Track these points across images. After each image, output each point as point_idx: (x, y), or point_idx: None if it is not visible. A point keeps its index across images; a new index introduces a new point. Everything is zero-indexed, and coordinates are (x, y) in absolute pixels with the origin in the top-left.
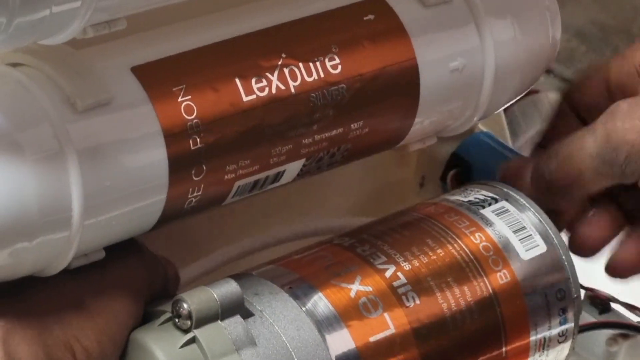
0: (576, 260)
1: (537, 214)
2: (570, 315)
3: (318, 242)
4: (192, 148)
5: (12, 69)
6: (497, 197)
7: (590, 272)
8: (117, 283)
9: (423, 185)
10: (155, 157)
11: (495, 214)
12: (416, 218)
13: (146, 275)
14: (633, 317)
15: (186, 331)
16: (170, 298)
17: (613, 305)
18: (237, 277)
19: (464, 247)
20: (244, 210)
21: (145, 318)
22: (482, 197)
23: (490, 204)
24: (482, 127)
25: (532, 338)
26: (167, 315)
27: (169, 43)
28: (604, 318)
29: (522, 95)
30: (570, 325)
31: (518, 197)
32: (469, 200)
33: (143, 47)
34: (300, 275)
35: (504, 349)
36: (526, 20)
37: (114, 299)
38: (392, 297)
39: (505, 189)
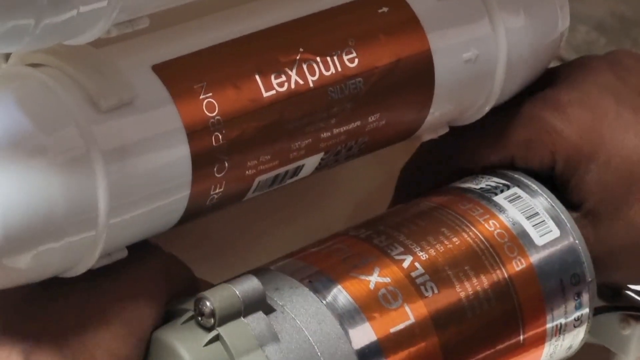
0: None
1: (548, 199)
2: (585, 299)
3: (333, 234)
4: (214, 145)
5: (34, 70)
6: (508, 183)
7: None
8: (135, 285)
9: None
10: (178, 154)
11: (508, 201)
12: (430, 207)
13: (164, 274)
14: None
15: (209, 329)
16: (192, 295)
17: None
18: (256, 273)
19: (479, 235)
20: (254, 203)
21: (167, 316)
22: (493, 184)
23: (502, 191)
24: None
25: (549, 324)
26: (190, 313)
27: (188, 40)
28: (616, 302)
29: None
30: (585, 309)
31: (529, 182)
32: (481, 188)
33: (162, 45)
34: (318, 268)
35: (521, 336)
36: (536, 8)
37: (135, 301)
38: (410, 287)
39: (516, 175)
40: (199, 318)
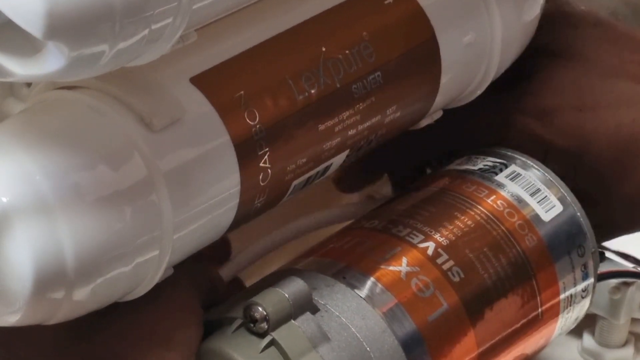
0: None
1: (546, 174)
2: (590, 270)
3: (346, 228)
4: (259, 154)
5: (75, 94)
6: (504, 161)
7: None
8: (178, 302)
9: None
10: (227, 166)
11: (509, 179)
12: (436, 192)
13: (197, 287)
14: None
15: (263, 335)
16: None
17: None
18: (287, 274)
19: (490, 216)
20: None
21: (210, 327)
22: (490, 164)
23: (501, 170)
24: None
25: (562, 296)
26: (239, 321)
27: (217, 48)
28: (603, 269)
29: None
30: (591, 280)
31: (523, 159)
32: (480, 169)
33: (194, 55)
34: (346, 264)
35: (539, 310)
36: None
37: (183, 318)
38: (439, 274)
39: (509, 153)
40: (251, 325)
